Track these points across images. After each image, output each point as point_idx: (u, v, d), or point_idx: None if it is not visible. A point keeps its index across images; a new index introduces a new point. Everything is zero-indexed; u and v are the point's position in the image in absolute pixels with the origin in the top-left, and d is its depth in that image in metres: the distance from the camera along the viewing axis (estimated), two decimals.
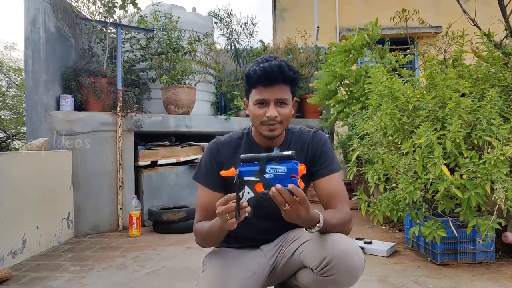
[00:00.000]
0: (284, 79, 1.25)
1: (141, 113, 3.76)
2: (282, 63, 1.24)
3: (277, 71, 1.22)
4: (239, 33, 5.37)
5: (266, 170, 1.02)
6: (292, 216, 1.05)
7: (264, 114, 1.25)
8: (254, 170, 1.03)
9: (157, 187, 3.81)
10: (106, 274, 2.38)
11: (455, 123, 2.13)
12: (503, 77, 2.56)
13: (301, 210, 1.03)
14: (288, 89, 1.28)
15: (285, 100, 1.27)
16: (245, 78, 1.32)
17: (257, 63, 1.26)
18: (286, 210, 1.02)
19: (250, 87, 1.30)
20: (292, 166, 0.99)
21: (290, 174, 0.99)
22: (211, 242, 1.34)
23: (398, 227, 3.34)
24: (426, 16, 4.20)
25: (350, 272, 1.11)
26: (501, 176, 1.95)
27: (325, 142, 1.38)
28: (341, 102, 4.17)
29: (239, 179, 1.05)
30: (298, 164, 1.00)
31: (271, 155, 1.02)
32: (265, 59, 1.27)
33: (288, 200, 1.00)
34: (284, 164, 1.00)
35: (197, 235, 1.32)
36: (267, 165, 1.02)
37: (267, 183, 1.02)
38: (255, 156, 1.04)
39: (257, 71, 1.23)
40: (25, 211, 2.71)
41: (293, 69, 1.28)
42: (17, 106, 8.96)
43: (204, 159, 1.39)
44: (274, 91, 1.25)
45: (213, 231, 1.21)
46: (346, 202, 1.30)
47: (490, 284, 2.07)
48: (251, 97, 1.30)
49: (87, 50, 3.90)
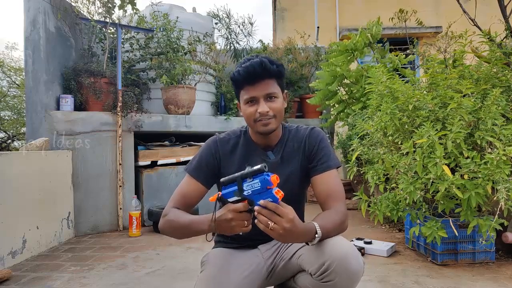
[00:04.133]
0: (269, 73, 1.27)
1: (141, 113, 3.76)
2: (263, 59, 1.25)
3: (259, 68, 1.24)
4: (237, 33, 5.37)
5: (243, 188, 1.05)
6: (280, 233, 1.01)
7: (256, 111, 1.27)
8: (234, 190, 1.08)
9: (157, 187, 3.81)
10: (106, 274, 2.38)
11: (457, 123, 2.13)
12: (505, 78, 2.55)
13: (281, 222, 1.00)
14: (275, 83, 1.29)
15: (274, 94, 1.28)
16: (232, 82, 1.34)
17: (240, 64, 1.29)
18: (272, 230, 1.01)
19: (238, 88, 1.32)
20: (264, 178, 1.02)
21: (265, 187, 1.02)
22: (180, 235, 1.28)
23: (398, 227, 3.34)
24: (426, 16, 4.22)
25: (349, 277, 1.10)
26: (504, 176, 1.94)
27: (322, 139, 1.38)
28: (341, 102, 4.17)
29: (223, 200, 1.10)
30: (270, 175, 1.02)
31: (243, 173, 1.05)
32: (247, 59, 1.29)
33: (266, 215, 1.01)
34: (257, 178, 1.03)
35: (168, 221, 1.26)
36: (243, 183, 1.05)
37: (249, 200, 1.06)
38: (232, 177, 1.08)
39: (241, 72, 1.26)
40: (25, 211, 2.71)
41: (276, 62, 1.29)
42: (18, 106, 8.97)
43: (200, 153, 1.40)
44: (261, 87, 1.26)
45: (197, 228, 1.18)
46: (342, 200, 1.28)
47: (490, 284, 2.07)
48: (241, 97, 1.32)
49: (87, 50, 3.90)
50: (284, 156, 1.37)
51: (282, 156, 1.37)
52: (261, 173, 1.02)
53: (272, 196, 1.01)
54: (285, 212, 1.01)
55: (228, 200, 1.09)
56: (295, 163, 1.37)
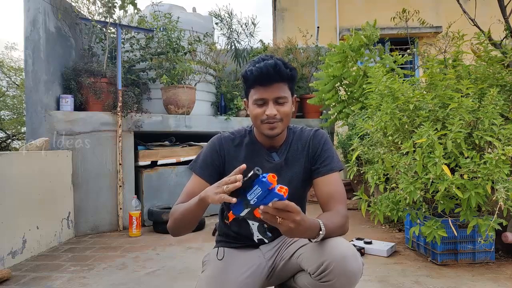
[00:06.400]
0: (281, 77, 1.25)
1: (141, 113, 3.76)
2: (278, 62, 1.24)
3: (273, 70, 1.22)
4: (239, 33, 5.38)
5: (248, 198, 1.03)
6: (286, 228, 1.01)
7: (264, 113, 1.26)
8: (243, 202, 1.05)
9: (157, 187, 3.81)
10: (106, 274, 2.38)
11: (457, 123, 2.13)
12: (501, 77, 2.56)
13: (291, 216, 0.99)
14: (286, 87, 1.28)
15: (284, 98, 1.27)
16: (242, 79, 1.32)
17: (253, 63, 1.27)
18: (281, 223, 0.99)
19: (248, 87, 1.30)
20: (261, 181, 1.00)
21: (266, 189, 1.00)
22: (183, 223, 1.24)
23: (398, 227, 3.34)
24: (426, 16, 4.21)
25: (347, 278, 1.09)
26: (503, 176, 1.95)
27: (326, 141, 1.38)
28: (341, 102, 4.17)
29: (238, 217, 1.08)
30: (266, 176, 1.00)
31: (242, 186, 1.03)
32: (261, 58, 1.27)
33: (275, 213, 0.98)
34: (256, 184, 1.01)
35: (173, 213, 1.25)
36: (246, 194, 1.03)
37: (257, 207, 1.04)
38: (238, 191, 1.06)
39: (254, 71, 1.24)
40: (25, 211, 2.71)
41: (289, 66, 1.28)
42: (17, 106, 8.98)
43: (204, 151, 1.39)
44: (272, 89, 1.25)
45: (192, 204, 1.17)
46: (343, 203, 1.28)
47: (490, 284, 2.07)
48: (250, 97, 1.30)
49: (87, 50, 3.90)
50: (289, 158, 1.37)
51: (287, 157, 1.37)
52: (257, 177, 1.01)
53: (276, 195, 0.99)
54: (295, 207, 1.00)
55: (240, 216, 1.07)
56: (298, 165, 1.37)
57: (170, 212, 1.27)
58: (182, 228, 1.26)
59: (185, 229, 1.27)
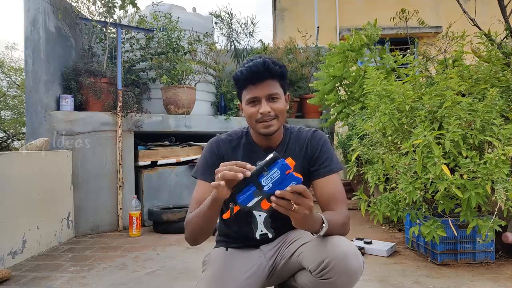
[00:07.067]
0: (271, 74, 1.26)
1: (141, 113, 3.76)
2: (267, 60, 1.25)
3: (262, 68, 1.24)
4: (239, 33, 5.38)
5: (262, 184, 0.99)
6: (301, 215, 0.99)
7: (258, 111, 1.27)
8: (252, 191, 1.01)
9: (157, 187, 3.81)
10: (106, 274, 2.38)
11: (453, 122, 2.12)
12: (504, 78, 2.55)
13: (306, 202, 0.98)
14: (277, 84, 1.29)
15: (276, 95, 1.28)
16: (234, 82, 1.33)
17: (243, 65, 1.29)
18: (295, 210, 0.97)
19: (240, 88, 1.32)
20: (281, 164, 0.98)
21: (284, 172, 0.98)
22: (199, 227, 1.22)
23: (398, 227, 3.34)
24: (426, 16, 4.21)
25: (348, 275, 1.10)
26: (502, 176, 1.94)
27: (324, 142, 1.38)
28: (341, 102, 4.17)
29: (244, 209, 1.03)
30: (285, 160, 0.99)
31: (258, 169, 1.00)
32: (249, 59, 1.29)
33: (292, 198, 0.96)
34: (274, 167, 0.99)
35: (188, 223, 1.24)
36: (260, 179, 1.00)
37: (270, 195, 0.99)
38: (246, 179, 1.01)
39: (243, 72, 1.26)
40: (25, 211, 2.71)
41: (279, 63, 1.29)
42: (18, 106, 8.98)
43: (204, 155, 1.39)
44: (263, 87, 1.26)
45: (204, 206, 1.15)
46: (344, 203, 1.29)
47: (490, 284, 2.07)
48: (243, 98, 1.31)
49: (87, 50, 3.90)
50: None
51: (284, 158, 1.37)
52: (276, 161, 0.99)
53: (295, 179, 0.97)
54: (309, 193, 0.99)
55: (247, 206, 1.02)
56: (297, 165, 1.36)
57: (185, 223, 1.26)
58: (200, 234, 1.25)
59: (204, 234, 1.25)
